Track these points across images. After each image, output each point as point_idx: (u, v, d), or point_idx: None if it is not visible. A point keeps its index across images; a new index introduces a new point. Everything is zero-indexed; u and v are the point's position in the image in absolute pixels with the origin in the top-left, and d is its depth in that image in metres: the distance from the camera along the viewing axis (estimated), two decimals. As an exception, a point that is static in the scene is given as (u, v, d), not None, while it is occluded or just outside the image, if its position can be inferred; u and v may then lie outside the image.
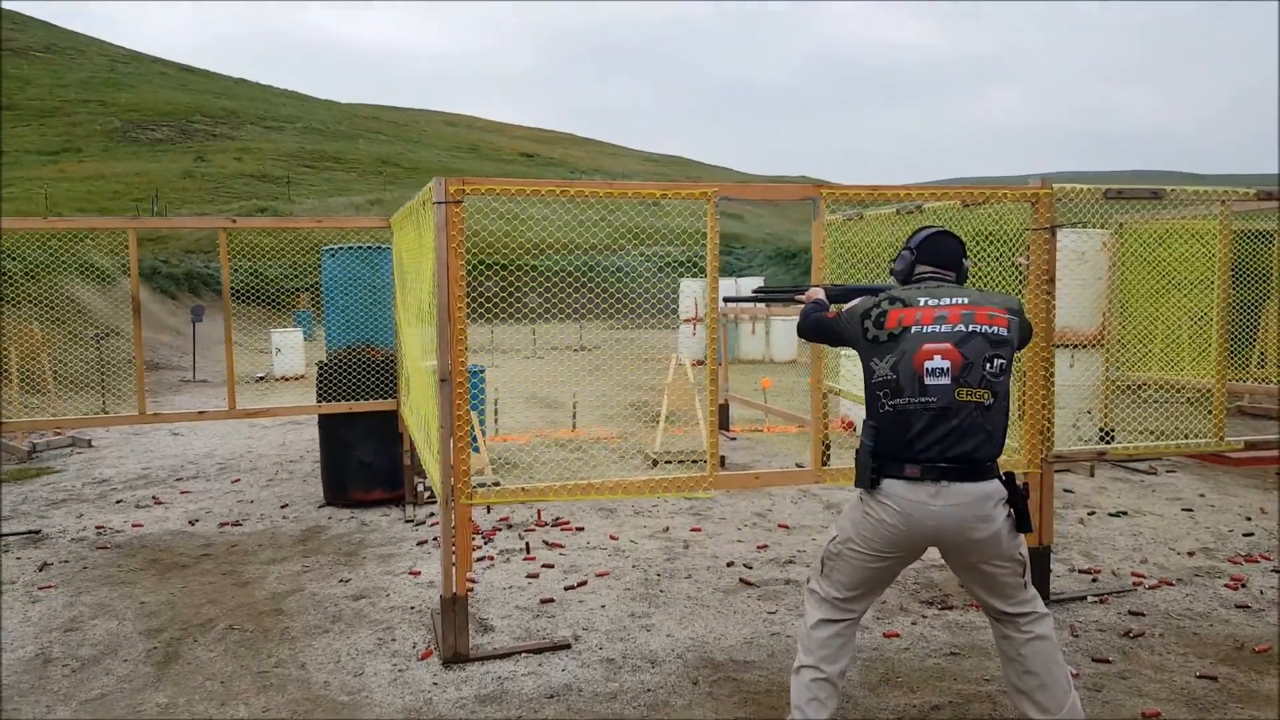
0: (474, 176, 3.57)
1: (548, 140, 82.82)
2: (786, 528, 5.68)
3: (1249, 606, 4.28)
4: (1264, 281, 8.34)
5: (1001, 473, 2.78)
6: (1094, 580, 4.68)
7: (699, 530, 5.59)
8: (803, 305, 3.32)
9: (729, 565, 4.92)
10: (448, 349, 3.54)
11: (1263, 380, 8.32)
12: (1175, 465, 7.32)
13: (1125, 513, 5.93)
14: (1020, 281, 4.35)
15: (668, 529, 5.62)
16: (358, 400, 5.91)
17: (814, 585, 2.94)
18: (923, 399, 2.72)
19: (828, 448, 7.07)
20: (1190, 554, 5.09)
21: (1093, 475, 6.92)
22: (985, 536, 2.71)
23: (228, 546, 5.28)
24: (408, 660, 3.68)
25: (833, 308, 3.19)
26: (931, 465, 2.69)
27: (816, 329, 3.18)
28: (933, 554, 4.90)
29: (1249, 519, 5.80)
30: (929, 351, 2.73)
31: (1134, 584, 4.59)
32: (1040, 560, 4.36)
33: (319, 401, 6.02)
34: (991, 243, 4.88)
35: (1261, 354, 8.92)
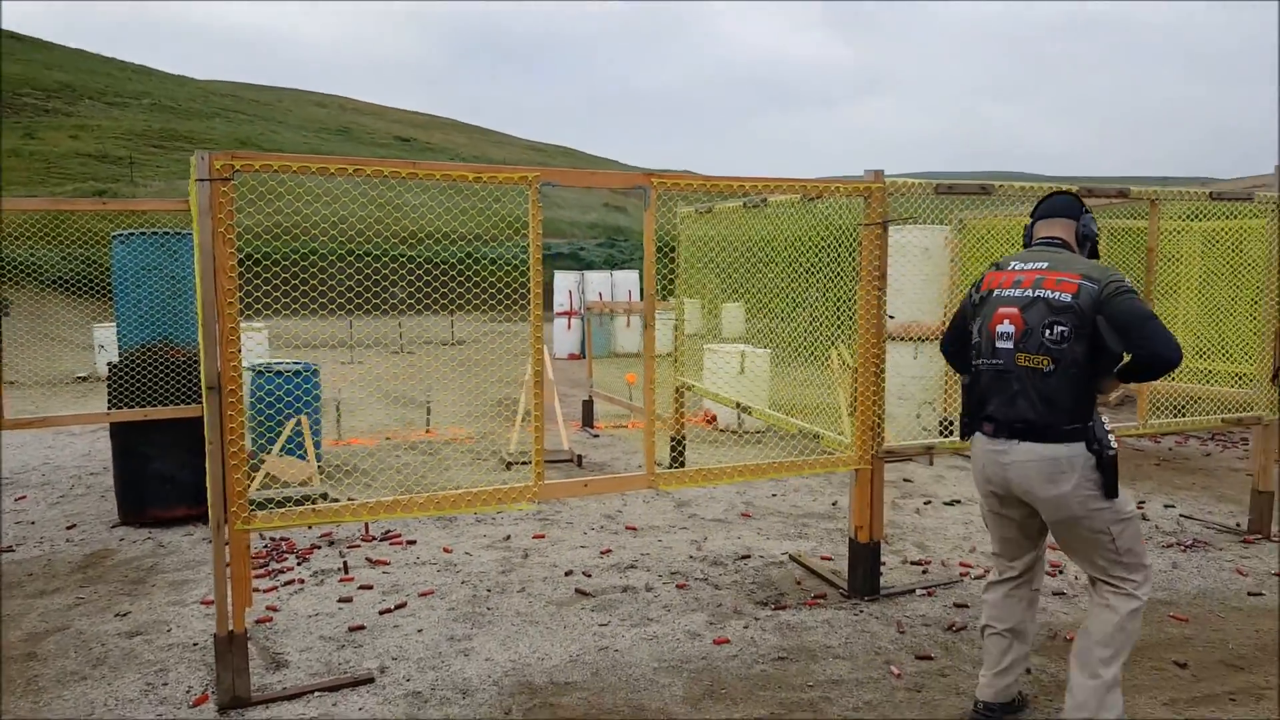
0: (248, 151, 3.11)
1: (428, 125, 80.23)
2: (634, 530, 5.45)
3: (1065, 593, 4.38)
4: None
5: (1094, 439, 2.75)
6: (924, 572, 4.68)
7: (542, 537, 5.30)
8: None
9: (567, 574, 4.64)
10: (215, 351, 3.09)
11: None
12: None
13: (959, 501, 6.03)
14: (854, 279, 4.24)
15: (509, 538, 5.30)
16: (155, 406, 5.29)
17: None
18: (992, 360, 2.89)
19: (683, 446, 6.93)
20: (1020, 544, 5.18)
21: (932, 464, 7.03)
22: (1050, 496, 2.78)
23: (-8, 578, 4.59)
24: (177, 708, 3.22)
25: None
26: (1000, 424, 2.86)
27: (955, 338, 3.16)
28: (771, 548, 4.75)
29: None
30: (1000, 316, 2.88)
31: (961, 574, 4.62)
32: (870, 555, 4.30)
33: (110, 408, 5.36)
34: (838, 238, 4.78)
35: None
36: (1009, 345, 2.83)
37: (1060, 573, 4.65)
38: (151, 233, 5.26)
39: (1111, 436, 2.78)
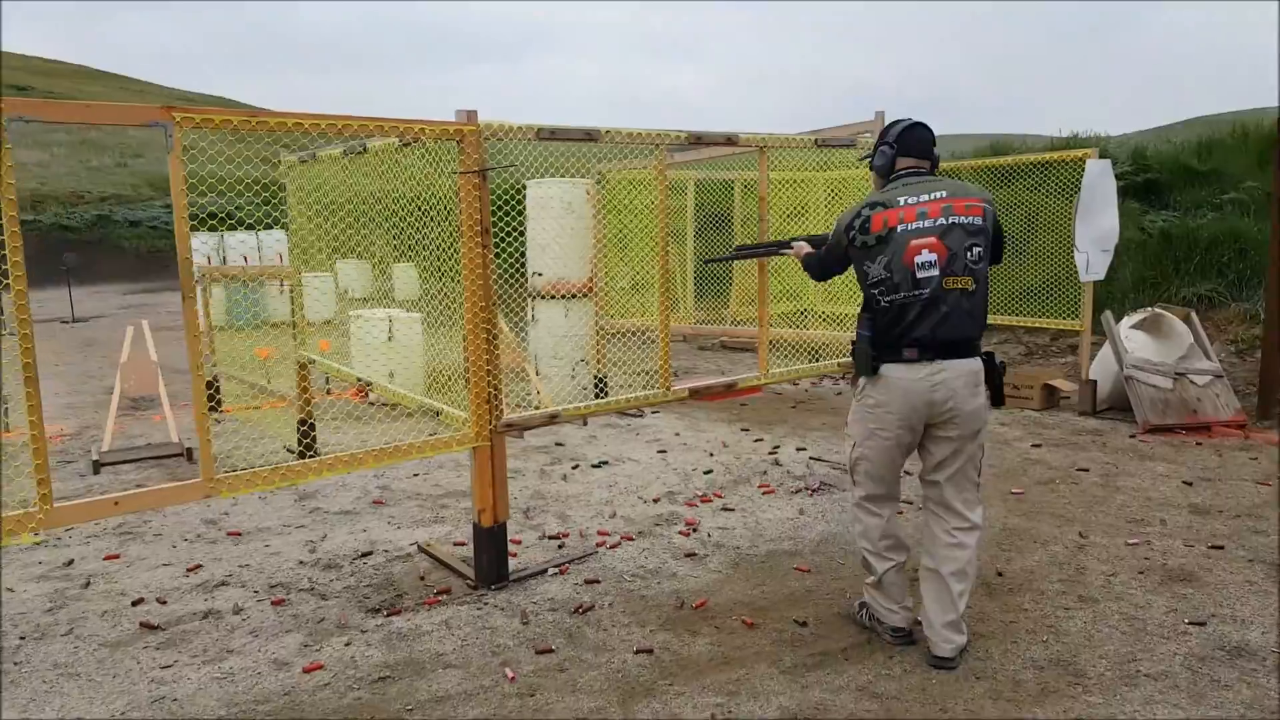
0: None
1: (52, 73, 67.72)
2: (238, 535, 4.68)
3: (696, 554, 4.28)
4: (733, 227, 9.17)
5: (987, 353, 3.12)
6: (561, 546, 4.44)
7: (117, 557, 4.36)
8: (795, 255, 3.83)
9: (136, 604, 3.82)
10: None
11: (735, 320, 9.21)
12: (660, 405, 7.61)
13: (607, 462, 5.92)
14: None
15: (71, 562, 4.31)
16: None
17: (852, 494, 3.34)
18: (914, 292, 2.99)
19: (313, 428, 6.17)
20: (656, 500, 5.13)
21: (585, 424, 6.92)
22: (974, 407, 3.03)
23: None
24: None
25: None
26: (927, 346, 2.99)
27: (823, 266, 3.46)
28: (400, 539, 4.05)
29: (712, 455, 6.12)
30: (917, 247, 2.98)
31: (597, 545, 4.43)
32: (495, 540, 3.95)
33: None
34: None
35: (740, 295, 9.91)
36: (934, 273, 2.97)
37: (694, 531, 4.60)
38: None
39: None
